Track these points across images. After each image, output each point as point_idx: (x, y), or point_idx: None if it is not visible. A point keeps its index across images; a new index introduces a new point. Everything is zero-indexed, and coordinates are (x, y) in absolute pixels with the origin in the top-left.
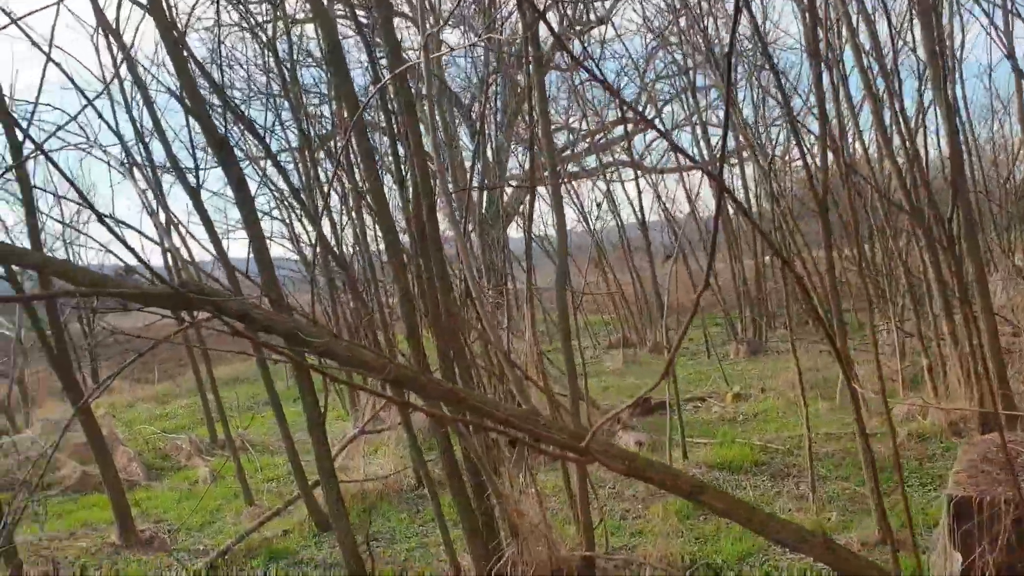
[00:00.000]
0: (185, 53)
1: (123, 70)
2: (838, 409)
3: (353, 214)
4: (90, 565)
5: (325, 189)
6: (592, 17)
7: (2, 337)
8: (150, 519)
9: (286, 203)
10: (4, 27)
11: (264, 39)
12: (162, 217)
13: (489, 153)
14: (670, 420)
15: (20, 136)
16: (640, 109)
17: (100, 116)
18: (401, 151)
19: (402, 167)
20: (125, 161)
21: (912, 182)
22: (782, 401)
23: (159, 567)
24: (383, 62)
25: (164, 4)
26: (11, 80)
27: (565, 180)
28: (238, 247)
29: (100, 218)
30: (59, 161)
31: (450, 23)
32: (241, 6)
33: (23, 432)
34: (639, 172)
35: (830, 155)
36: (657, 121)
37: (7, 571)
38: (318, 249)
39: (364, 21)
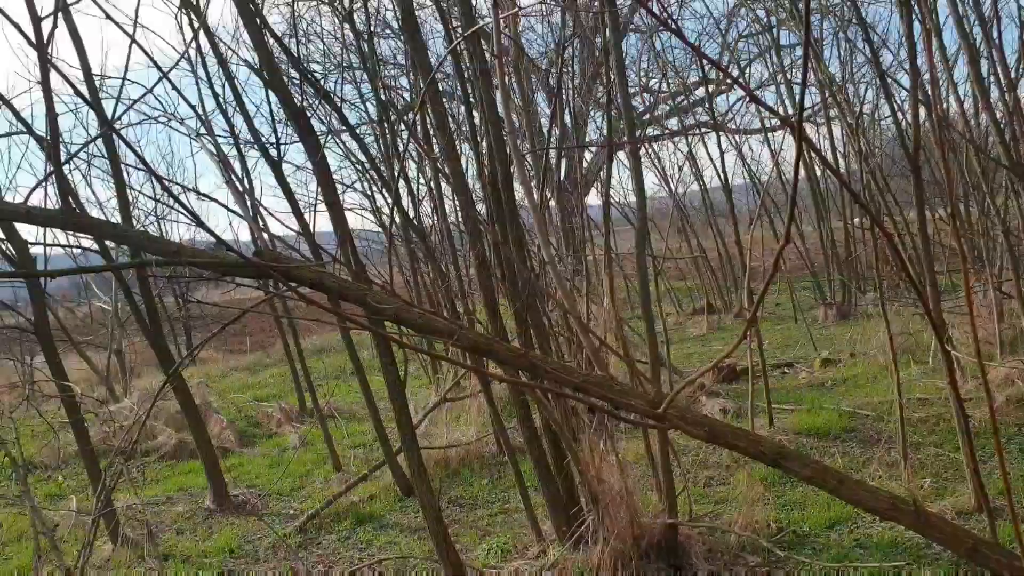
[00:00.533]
0: (263, 27)
1: (205, 46)
2: (931, 374)
3: (431, 184)
4: (186, 528)
5: (402, 159)
6: None
7: (101, 311)
8: (242, 484)
9: (367, 175)
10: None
11: (341, 11)
12: (240, 187)
13: (567, 119)
14: (751, 387)
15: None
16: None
17: (175, 88)
18: (477, 119)
19: (478, 134)
20: (204, 132)
21: (1012, 136)
22: (872, 366)
23: (251, 530)
24: (460, 31)
25: None
26: (101, 61)
27: (644, 143)
28: (324, 221)
29: (165, 188)
30: (147, 139)
31: None
32: None
33: (122, 401)
34: (722, 133)
35: (922, 110)
36: (741, 80)
37: (107, 533)
38: (396, 219)
39: None
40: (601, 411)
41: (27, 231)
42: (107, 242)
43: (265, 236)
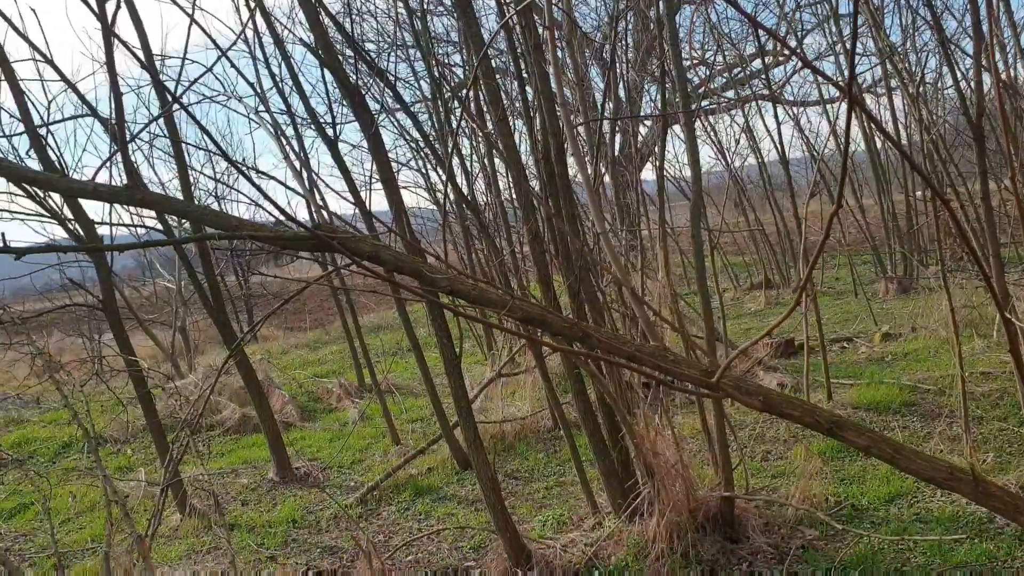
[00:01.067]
0: (318, 6)
1: (261, 26)
2: (995, 347)
3: (484, 161)
4: (250, 499)
5: (455, 135)
6: None
7: (165, 290)
8: (304, 457)
9: (421, 153)
10: None
11: None
12: (299, 163)
13: (621, 93)
14: (808, 361)
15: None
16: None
17: (234, 66)
18: (530, 95)
19: (530, 109)
20: (263, 110)
21: None
22: (934, 340)
23: (313, 501)
24: (512, 6)
25: None
26: (160, 44)
27: (699, 115)
28: (379, 199)
29: (231, 162)
30: (206, 120)
31: None
32: None
33: (187, 377)
34: (779, 105)
35: (986, 77)
36: (798, 51)
37: (175, 503)
38: (450, 195)
39: None
40: (657, 386)
41: (93, 211)
42: (170, 220)
43: (323, 213)
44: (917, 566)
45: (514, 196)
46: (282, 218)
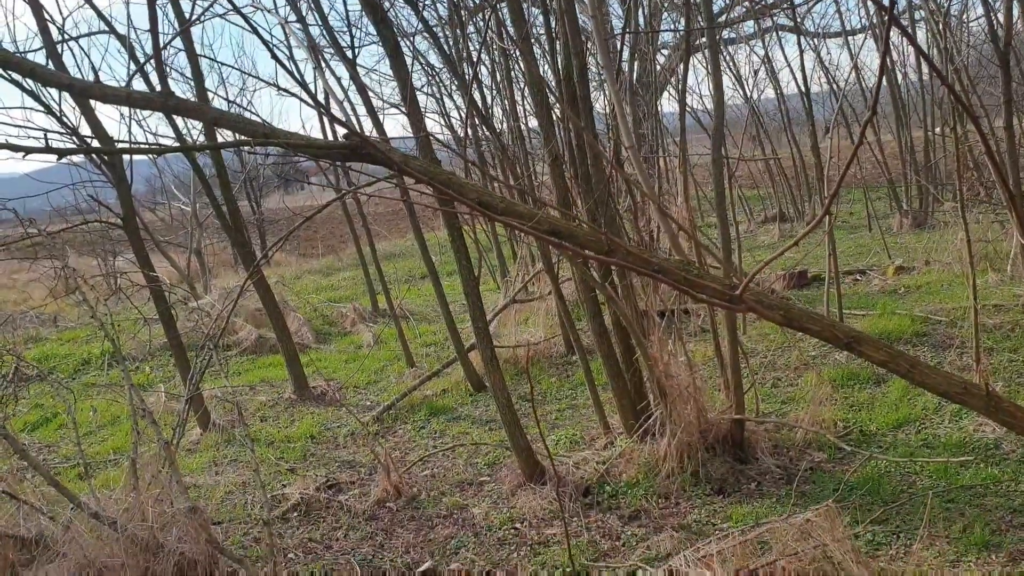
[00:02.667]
0: None
1: None
2: (1009, 282)
3: (502, 84)
4: (269, 416)
5: (475, 57)
6: None
7: (180, 212)
8: (321, 378)
9: (437, 79)
10: None
11: None
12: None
13: (641, 20)
14: (825, 292)
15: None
16: None
17: None
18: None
19: (552, 31)
20: (290, 20)
21: None
22: (947, 274)
23: (330, 419)
24: None
25: None
26: None
27: (721, 40)
28: (391, 126)
29: (252, 75)
30: (220, 42)
31: None
32: None
33: (203, 299)
34: (800, 35)
35: (1016, 5)
36: None
37: (195, 418)
38: (469, 115)
39: None
40: (680, 291)
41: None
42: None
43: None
44: (923, 487)
45: (529, 126)
46: (328, 113)
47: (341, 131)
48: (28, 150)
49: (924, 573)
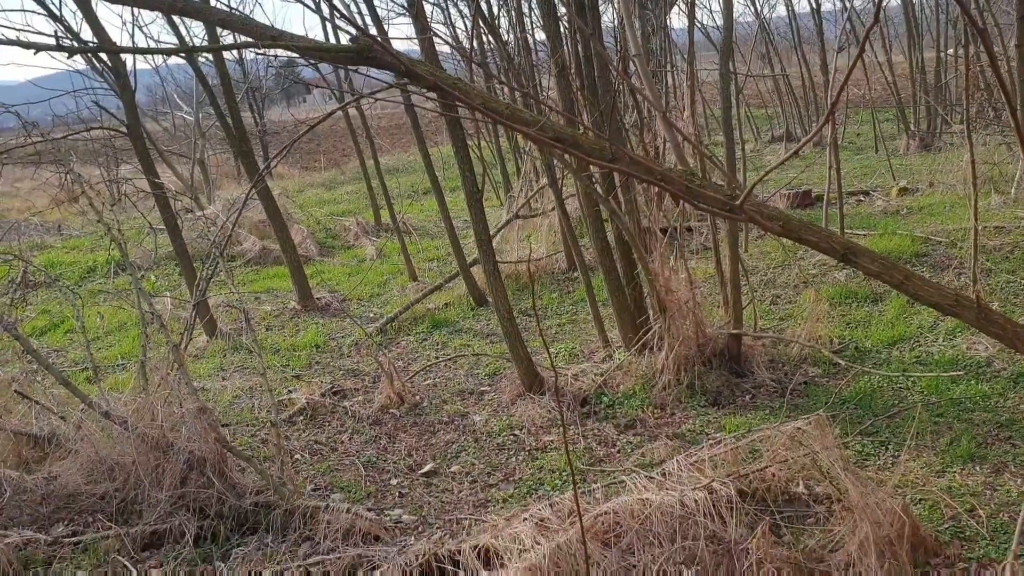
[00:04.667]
0: None
1: None
2: (1012, 205)
3: None
4: (274, 325)
5: None
6: None
7: (184, 120)
8: (324, 290)
9: None
10: None
11: None
12: None
13: None
14: (826, 212)
15: None
16: None
17: None
18: None
19: None
20: None
21: None
22: (950, 196)
23: (334, 329)
24: None
25: None
26: None
27: None
28: (395, 41)
29: None
30: None
31: None
32: None
33: (207, 209)
34: None
35: None
36: None
37: (201, 326)
38: (475, 25)
39: None
40: (683, 199)
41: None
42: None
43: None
44: (913, 402)
45: (536, 38)
46: (345, 19)
47: (345, 39)
48: (38, 47)
49: (909, 481)
